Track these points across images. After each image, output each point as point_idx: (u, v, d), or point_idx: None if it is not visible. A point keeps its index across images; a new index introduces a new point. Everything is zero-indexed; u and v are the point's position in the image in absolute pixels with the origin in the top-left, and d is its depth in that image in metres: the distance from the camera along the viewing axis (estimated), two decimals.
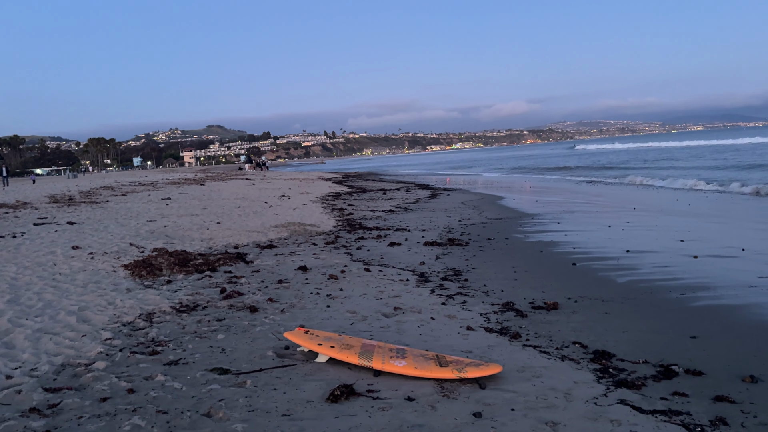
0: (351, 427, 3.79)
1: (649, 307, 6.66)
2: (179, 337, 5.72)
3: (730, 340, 5.46)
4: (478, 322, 6.24)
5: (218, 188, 29.34)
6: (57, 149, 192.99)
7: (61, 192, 25.34)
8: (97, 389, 4.37)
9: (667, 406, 4.07)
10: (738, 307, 6.52)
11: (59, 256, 9.57)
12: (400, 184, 35.40)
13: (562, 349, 5.36)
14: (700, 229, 12.33)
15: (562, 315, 6.46)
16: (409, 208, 19.64)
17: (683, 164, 41.38)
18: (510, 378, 4.62)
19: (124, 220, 14.65)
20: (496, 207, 18.74)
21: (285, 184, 34.42)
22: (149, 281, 8.15)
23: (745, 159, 40.89)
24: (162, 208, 18.01)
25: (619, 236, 11.62)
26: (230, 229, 13.39)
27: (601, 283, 7.85)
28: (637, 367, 4.86)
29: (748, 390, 4.31)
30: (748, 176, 27.10)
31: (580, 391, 4.33)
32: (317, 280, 8.27)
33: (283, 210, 18.29)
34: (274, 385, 4.52)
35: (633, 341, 5.50)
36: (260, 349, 5.32)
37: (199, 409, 4.05)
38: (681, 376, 4.62)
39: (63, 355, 5.09)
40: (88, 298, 7.01)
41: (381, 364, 4.69)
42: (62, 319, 6.14)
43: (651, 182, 27.99)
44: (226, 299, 7.14)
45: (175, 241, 11.49)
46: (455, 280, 8.35)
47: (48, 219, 14.60)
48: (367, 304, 6.99)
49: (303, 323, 6.15)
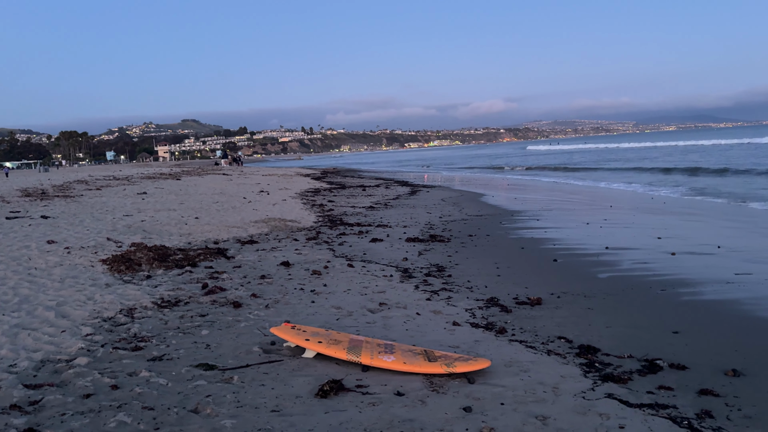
0: (342, 422, 3.76)
1: (630, 302, 6.74)
2: (162, 332, 5.62)
3: (711, 334, 5.55)
4: (464, 318, 6.25)
5: (195, 183, 28.98)
6: (27, 142, 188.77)
7: (33, 186, 24.79)
8: (79, 385, 4.27)
9: (654, 400, 4.12)
10: (717, 302, 6.64)
11: (34, 250, 9.35)
12: (379, 180, 35.36)
13: (548, 344, 5.39)
14: (676, 227, 12.54)
15: (545, 310, 6.51)
16: (390, 204, 19.63)
17: (617, 165, 42.52)
18: (498, 372, 4.63)
19: (99, 215, 14.38)
20: (476, 204, 18.83)
21: (263, 179, 34.15)
22: (128, 276, 8.00)
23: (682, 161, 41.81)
24: (138, 203, 17.72)
25: (598, 233, 11.76)
26: (209, 225, 13.23)
27: (583, 279, 7.93)
28: (622, 361, 4.91)
29: (731, 383, 4.38)
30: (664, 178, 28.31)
31: (567, 386, 4.37)
32: (300, 276, 8.21)
33: (262, 205, 18.14)
34: (261, 380, 4.46)
35: (617, 336, 5.57)
36: (246, 345, 5.26)
37: (186, 405, 3.98)
38: (665, 370, 4.68)
39: (43, 351, 4.96)
40: (66, 293, 6.85)
41: (369, 359, 4.66)
42: (40, 314, 5.99)
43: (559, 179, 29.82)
44: (208, 295, 7.05)
45: (153, 236, 11.31)
46: (439, 275, 8.36)
47: (21, 213, 14.26)
48: (351, 300, 6.96)
49: (288, 319, 6.09)
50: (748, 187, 21.43)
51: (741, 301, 6.64)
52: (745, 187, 21.80)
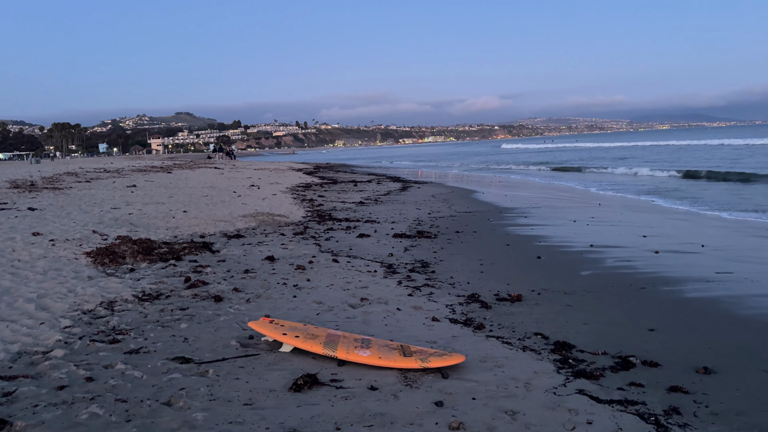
0: (313, 416, 3.79)
1: (610, 300, 6.80)
2: (141, 325, 5.63)
3: (686, 332, 5.62)
4: (444, 314, 6.29)
5: (186, 176, 28.89)
6: (19, 133, 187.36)
7: (22, 177, 24.65)
8: (54, 377, 4.28)
9: (624, 396, 4.17)
10: (695, 300, 6.71)
11: (19, 242, 9.32)
12: (371, 176, 35.35)
13: (524, 340, 5.44)
14: (663, 226, 12.63)
15: (525, 307, 6.56)
16: (380, 200, 19.65)
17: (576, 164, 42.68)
18: (472, 368, 4.68)
19: (87, 207, 14.33)
20: (466, 201, 18.87)
21: (255, 173, 34.07)
22: (112, 269, 8.00)
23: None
24: (127, 196, 17.67)
25: (584, 231, 11.83)
26: (197, 218, 13.21)
27: (565, 276, 7.98)
28: (596, 358, 4.96)
29: (701, 381, 4.44)
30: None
31: (539, 381, 4.41)
32: (284, 271, 8.23)
33: (251, 200, 18.12)
34: (236, 374, 4.49)
35: (593, 333, 5.62)
36: (224, 339, 5.28)
37: (159, 397, 4.00)
38: (638, 367, 4.73)
39: (20, 343, 4.96)
40: (48, 286, 6.84)
41: (345, 354, 4.69)
42: (20, 306, 5.98)
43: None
44: (190, 288, 7.06)
45: (139, 229, 11.30)
46: (422, 271, 8.40)
47: (8, 204, 14.19)
48: (334, 295, 6.99)
49: (268, 313, 6.11)
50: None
51: (719, 300, 6.71)
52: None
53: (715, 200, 17.80)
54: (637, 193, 20.81)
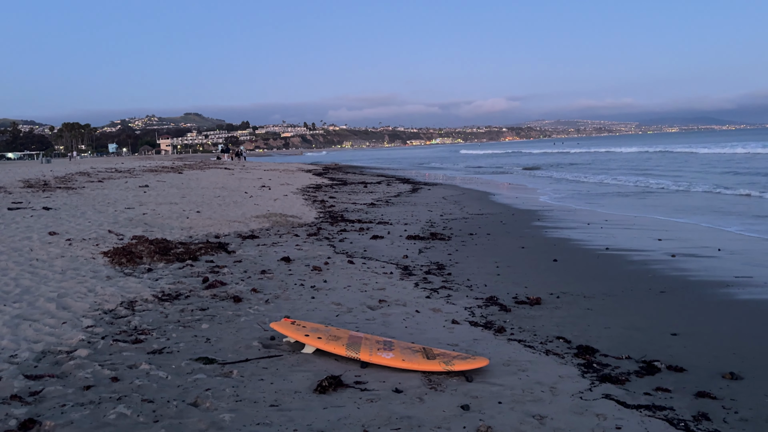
0: (340, 418, 3.79)
1: (629, 304, 6.76)
2: (162, 325, 5.65)
3: (709, 337, 5.57)
4: (463, 316, 6.27)
5: (197, 177, 28.99)
6: (30, 133, 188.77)
7: (35, 177, 24.82)
8: (79, 377, 4.30)
9: (651, 401, 4.13)
10: (716, 305, 6.65)
11: (36, 241, 9.37)
12: (381, 177, 35.36)
13: (546, 344, 5.41)
14: (677, 229, 12.54)
15: (545, 310, 6.52)
16: (391, 201, 19.64)
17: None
18: (496, 371, 4.65)
19: (101, 207, 14.40)
20: (477, 203, 18.83)
21: (265, 174, 34.15)
22: (129, 269, 8.03)
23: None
24: (140, 196, 17.74)
25: (598, 234, 11.77)
26: (210, 219, 13.25)
27: (583, 279, 7.94)
28: (620, 362, 4.93)
29: (728, 386, 4.40)
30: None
31: (565, 386, 4.38)
32: (301, 272, 8.23)
33: (263, 200, 18.15)
34: (260, 375, 4.49)
35: (615, 337, 5.58)
36: (246, 340, 5.28)
37: (185, 398, 4.01)
38: (663, 372, 4.69)
39: (43, 342, 4.99)
40: (68, 285, 6.87)
41: (368, 356, 4.68)
42: (41, 305, 6.01)
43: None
44: (208, 289, 7.07)
45: (154, 229, 11.34)
46: (439, 273, 8.38)
47: (23, 204, 14.28)
48: (351, 296, 6.98)
49: (288, 314, 6.11)
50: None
51: (740, 305, 6.65)
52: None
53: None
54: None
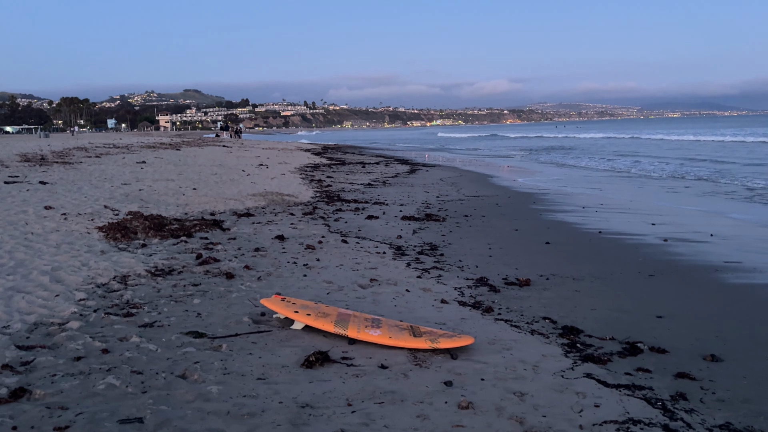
0: (325, 392, 3.87)
1: (618, 286, 6.83)
2: (154, 300, 5.72)
3: (694, 320, 5.65)
4: (452, 296, 6.34)
5: (194, 154, 28.94)
6: (28, 107, 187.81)
7: (33, 151, 24.77)
8: (71, 348, 4.37)
9: (631, 381, 4.22)
10: (703, 289, 6.73)
11: (31, 215, 9.41)
12: (380, 158, 35.30)
13: (533, 324, 5.49)
14: (672, 214, 12.60)
15: (533, 291, 6.60)
16: (388, 182, 19.66)
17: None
18: (481, 350, 4.73)
19: (98, 182, 14.42)
20: (474, 184, 18.86)
21: (263, 153, 34.08)
22: (124, 244, 8.08)
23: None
24: (137, 172, 17.75)
25: (592, 217, 11.83)
26: (206, 196, 13.28)
27: (573, 262, 8.01)
28: (604, 343, 5.01)
29: (708, 368, 4.48)
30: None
31: (547, 364, 4.46)
32: (294, 250, 8.29)
33: (260, 179, 18.17)
34: (249, 349, 4.56)
35: (601, 319, 5.66)
36: (236, 315, 5.35)
37: (174, 370, 4.08)
38: (645, 353, 4.78)
39: (36, 314, 5.05)
40: (62, 259, 6.93)
41: (356, 333, 4.76)
42: (35, 278, 6.07)
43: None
44: (202, 265, 7.13)
45: (150, 205, 11.37)
46: (431, 254, 8.44)
47: (19, 178, 14.29)
48: (343, 275, 7.05)
49: (280, 291, 6.18)
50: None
51: (727, 289, 6.73)
52: None
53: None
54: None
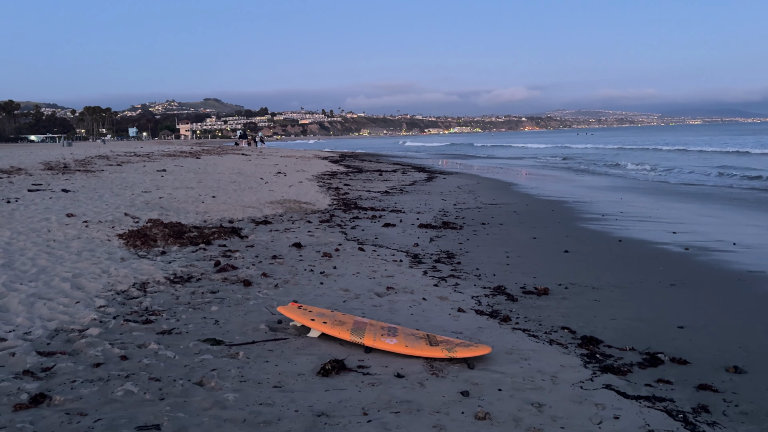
0: (341, 401, 3.86)
1: (638, 296, 6.74)
2: (173, 307, 5.76)
3: (716, 331, 5.54)
4: (469, 305, 6.30)
5: (214, 162, 29.22)
6: (52, 116, 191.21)
7: (56, 160, 25.20)
8: (90, 355, 4.42)
9: (652, 393, 4.15)
10: (726, 299, 6.61)
11: (54, 223, 9.56)
12: (397, 165, 35.34)
13: (551, 334, 5.43)
14: (693, 222, 12.42)
15: (552, 300, 6.53)
16: (405, 190, 19.66)
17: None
18: (498, 359, 4.69)
19: (119, 190, 14.62)
20: (492, 192, 18.78)
21: (281, 161, 34.30)
22: (143, 251, 8.17)
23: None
24: (157, 180, 17.96)
25: (612, 226, 11.70)
26: (225, 204, 13.39)
27: (592, 271, 7.92)
28: (623, 353, 4.94)
29: (731, 380, 4.39)
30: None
31: (566, 375, 4.41)
32: (311, 257, 8.32)
33: (278, 187, 18.27)
34: (266, 357, 4.57)
35: (621, 329, 5.58)
36: (253, 323, 5.37)
37: (191, 377, 4.10)
38: (666, 364, 4.70)
39: (57, 321, 5.12)
40: (83, 266, 7.03)
41: (372, 341, 4.75)
42: (56, 285, 6.16)
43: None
44: (220, 272, 7.18)
45: (170, 213, 11.49)
46: (448, 262, 8.41)
47: (43, 186, 14.54)
48: (360, 283, 7.05)
49: (296, 299, 6.19)
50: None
51: (751, 299, 6.60)
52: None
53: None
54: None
